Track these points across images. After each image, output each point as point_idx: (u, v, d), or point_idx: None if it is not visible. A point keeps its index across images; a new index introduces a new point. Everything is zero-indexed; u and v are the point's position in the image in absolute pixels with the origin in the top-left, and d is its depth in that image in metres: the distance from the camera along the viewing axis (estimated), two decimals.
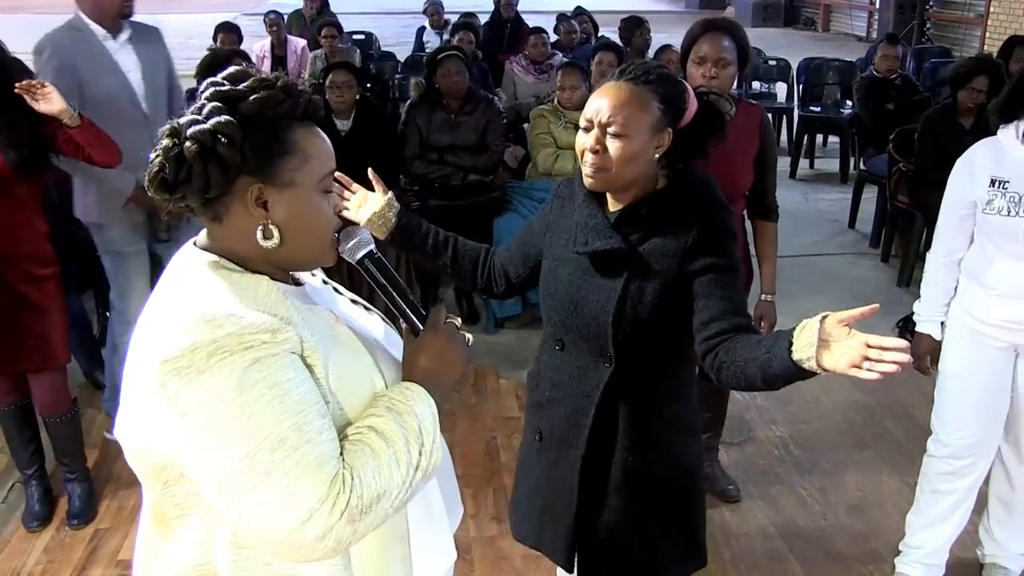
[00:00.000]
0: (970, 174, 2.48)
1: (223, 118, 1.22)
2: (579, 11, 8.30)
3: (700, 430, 2.01)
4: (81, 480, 3.19)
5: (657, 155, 1.76)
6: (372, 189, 2.04)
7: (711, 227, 1.75)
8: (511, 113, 5.75)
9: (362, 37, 8.97)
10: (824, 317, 1.41)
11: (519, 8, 8.33)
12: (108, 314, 4.47)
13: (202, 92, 1.28)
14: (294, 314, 1.24)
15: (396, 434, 1.23)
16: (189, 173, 1.22)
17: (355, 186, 2.05)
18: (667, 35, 7.26)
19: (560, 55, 6.60)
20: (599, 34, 8.29)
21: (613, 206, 1.82)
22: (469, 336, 1.45)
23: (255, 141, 1.23)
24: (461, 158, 4.69)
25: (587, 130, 1.76)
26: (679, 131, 1.77)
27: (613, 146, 1.71)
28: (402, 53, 8.97)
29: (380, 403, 1.27)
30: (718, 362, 1.66)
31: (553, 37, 7.26)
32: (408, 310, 1.42)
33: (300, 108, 1.28)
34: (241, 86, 1.27)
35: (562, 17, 7.91)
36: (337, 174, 1.94)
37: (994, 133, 2.49)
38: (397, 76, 7.12)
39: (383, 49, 9.17)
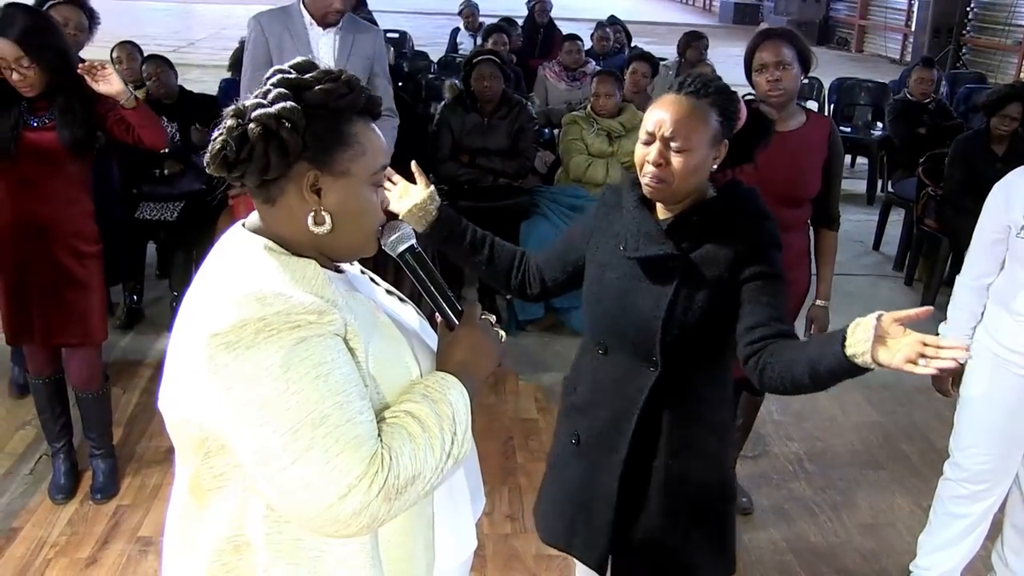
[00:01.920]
0: (1007, 198, 2.49)
1: (288, 104, 1.27)
2: (613, 20, 8.34)
3: (733, 439, 2.03)
4: (106, 456, 3.26)
5: (715, 166, 1.80)
6: (414, 182, 2.05)
7: (759, 237, 1.79)
8: (542, 118, 5.79)
9: (396, 36, 9.05)
10: (880, 315, 1.44)
11: (552, 14, 8.38)
12: (136, 298, 4.58)
13: (268, 78, 1.33)
14: (339, 298, 1.28)
15: (431, 420, 1.27)
16: (250, 153, 1.26)
17: (397, 177, 2.06)
18: None
19: (593, 63, 6.63)
20: (631, 44, 8.33)
21: (663, 214, 1.85)
22: (502, 333, 1.50)
23: (316, 129, 1.28)
24: (492, 161, 4.74)
25: (647, 143, 1.78)
26: (730, 138, 1.82)
27: (676, 160, 1.74)
28: (435, 53, 9.04)
29: (416, 390, 1.31)
30: (762, 363, 1.69)
31: (587, 45, 7.29)
32: (445, 304, 1.46)
33: (361, 103, 1.33)
34: (307, 76, 1.32)
35: (599, 25, 7.95)
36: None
37: None
38: (430, 76, 7.18)
39: (416, 48, 9.25)
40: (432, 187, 2.06)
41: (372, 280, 1.54)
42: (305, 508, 1.19)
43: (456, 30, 8.95)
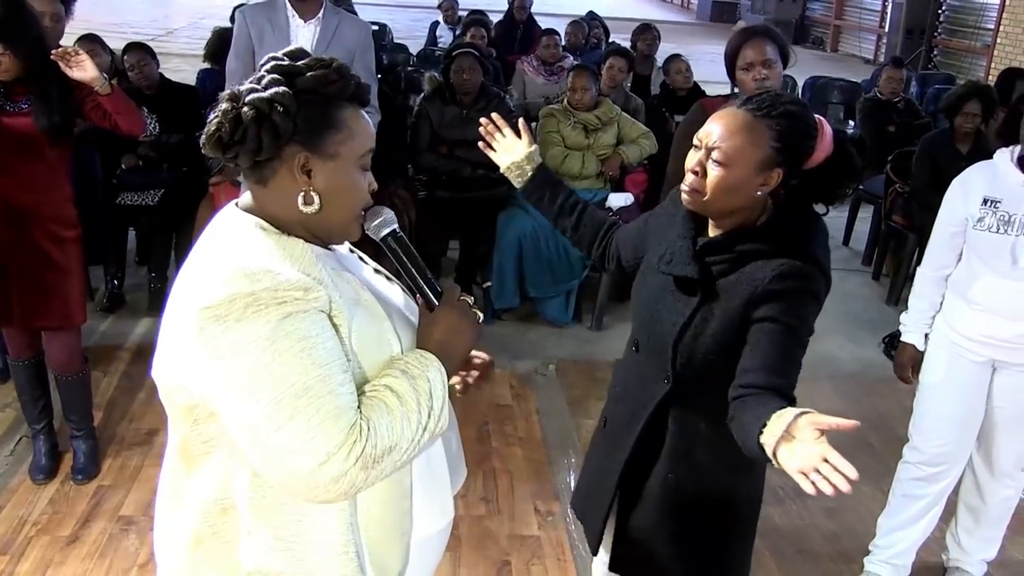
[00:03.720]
0: (964, 192, 2.60)
1: (281, 89, 1.34)
2: (592, 16, 8.43)
3: (753, 468, 1.90)
4: (87, 437, 3.30)
5: (760, 192, 1.69)
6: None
7: (791, 281, 1.65)
8: (520, 111, 5.85)
9: (376, 28, 9.05)
10: (802, 414, 1.37)
11: (532, 10, 8.44)
12: (117, 283, 4.60)
13: (262, 65, 1.41)
14: (325, 275, 1.34)
15: (409, 395, 1.33)
16: (244, 135, 1.33)
17: (507, 130, 2.13)
18: (675, 44, 7.39)
19: (571, 58, 6.71)
20: (610, 39, 8.41)
21: (712, 230, 1.79)
22: (479, 314, 1.56)
23: (307, 113, 1.35)
24: (471, 153, 4.77)
25: (696, 149, 1.73)
26: (806, 172, 1.72)
27: (712, 173, 1.67)
28: (413, 46, 9.08)
29: (396, 365, 1.38)
30: (732, 412, 1.61)
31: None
32: (425, 286, 1.52)
33: (350, 89, 1.40)
34: (299, 63, 1.39)
35: (574, 21, 8.03)
36: (494, 115, 2.12)
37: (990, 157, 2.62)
38: (409, 68, 7.23)
39: (395, 41, 9.28)
40: (535, 146, 2.12)
41: (360, 259, 1.61)
42: (287, 474, 1.25)
43: (436, 23, 8.99)
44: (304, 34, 3.47)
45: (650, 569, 1.96)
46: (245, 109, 1.33)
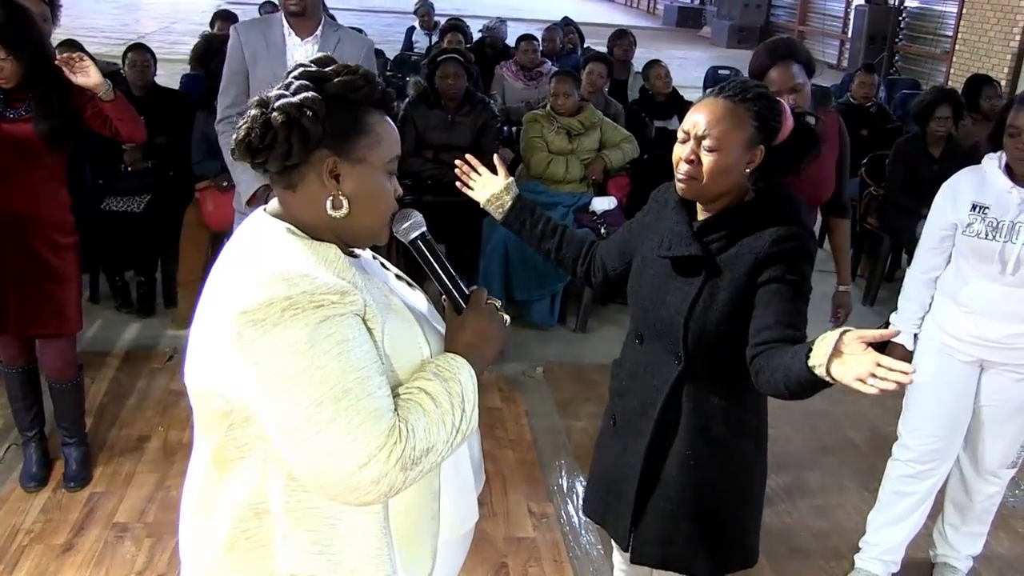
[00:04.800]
0: (954, 197, 2.67)
1: (310, 94, 1.36)
2: (567, 22, 8.48)
3: (764, 436, 2.06)
4: (79, 445, 3.28)
5: (748, 170, 1.85)
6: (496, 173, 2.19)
7: (787, 243, 1.81)
8: (502, 116, 5.89)
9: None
10: (845, 331, 1.48)
11: (502, 15, 8.46)
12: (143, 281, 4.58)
13: (291, 72, 1.43)
14: (359, 280, 1.37)
15: (443, 397, 1.35)
16: (274, 140, 1.35)
17: (481, 168, 2.20)
18: (643, 50, 7.45)
19: (550, 63, 6.76)
20: (584, 45, 8.48)
21: (702, 214, 1.92)
22: (507, 317, 1.58)
23: (335, 119, 1.37)
24: (456, 157, 4.80)
25: (683, 142, 1.85)
26: (773, 148, 1.86)
27: (707, 159, 1.81)
28: (387, 51, 9.07)
29: (428, 368, 1.40)
30: (757, 367, 1.74)
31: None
32: (453, 289, 1.53)
33: (377, 95, 1.42)
34: (327, 69, 1.41)
35: (548, 27, 8.06)
36: (468, 156, 2.16)
37: (978, 161, 2.69)
38: (387, 73, 7.23)
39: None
40: (511, 178, 2.19)
41: (383, 266, 1.63)
42: (327, 477, 1.26)
43: (412, 28, 9.01)
44: (301, 53, 3.28)
45: (674, 551, 2.02)
46: (275, 114, 1.35)
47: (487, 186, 2.18)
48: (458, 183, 2.24)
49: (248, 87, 3.28)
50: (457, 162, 2.23)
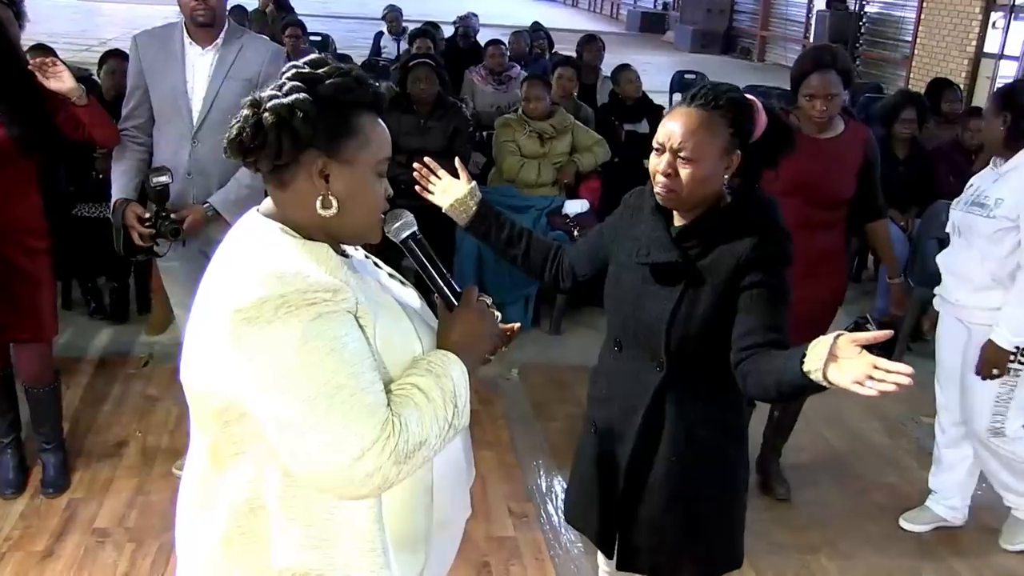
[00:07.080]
0: None
1: (302, 96, 1.38)
2: (536, 27, 8.55)
3: (745, 436, 2.07)
4: (56, 450, 3.26)
5: (727, 176, 1.85)
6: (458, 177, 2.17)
7: (766, 247, 1.82)
8: (474, 121, 5.92)
9: (319, 39, 9.05)
10: (839, 335, 1.49)
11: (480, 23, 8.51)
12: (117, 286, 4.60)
13: (283, 73, 1.45)
14: (351, 278, 1.39)
15: (435, 392, 1.38)
16: (264, 140, 1.37)
17: (442, 172, 2.16)
18: (611, 55, 7.53)
19: (518, 67, 6.81)
20: (553, 49, 8.54)
21: (679, 220, 1.92)
22: (498, 314, 1.62)
23: (326, 120, 1.39)
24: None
25: (659, 152, 1.85)
26: (750, 145, 1.86)
27: (684, 171, 1.80)
28: (354, 56, 9.06)
29: (420, 365, 1.43)
30: (745, 371, 1.75)
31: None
32: (445, 287, 1.57)
33: (368, 97, 1.45)
34: (320, 71, 1.43)
35: (516, 32, 8.11)
36: (427, 159, 2.12)
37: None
38: None
39: (338, 51, 9.26)
40: (474, 183, 2.14)
41: (376, 264, 1.65)
42: (322, 471, 1.29)
43: (380, 34, 9.00)
44: (202, 64, 3.04)
45: (661, 558, 2.02)
46: (266, 115, 1.37)
47: (448, 191, 2.13)
48: (417, 187, 2.19)
49: (148, 99, 3.09)
50: (416, 165, 2.18)
